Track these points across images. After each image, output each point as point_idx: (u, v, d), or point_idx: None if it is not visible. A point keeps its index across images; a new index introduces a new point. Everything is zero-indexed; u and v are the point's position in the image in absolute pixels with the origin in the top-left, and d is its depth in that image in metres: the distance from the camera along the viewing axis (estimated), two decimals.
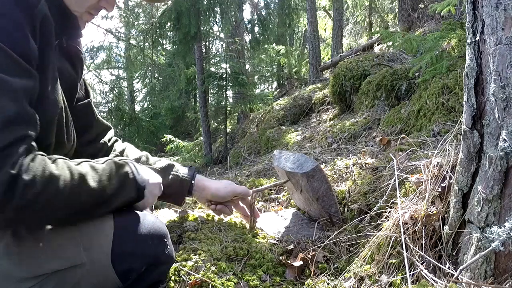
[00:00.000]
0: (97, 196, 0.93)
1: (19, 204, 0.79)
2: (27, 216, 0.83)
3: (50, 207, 0.85)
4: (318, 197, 1.50)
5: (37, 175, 0.81)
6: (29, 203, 0.81)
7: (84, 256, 0.95)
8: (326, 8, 10.49)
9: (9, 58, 0.81)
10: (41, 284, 0.92)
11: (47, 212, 0.86)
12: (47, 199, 0.83)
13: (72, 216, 0.92)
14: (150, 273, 1.05)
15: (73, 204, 0.89)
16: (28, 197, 0.80)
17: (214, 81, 6.41)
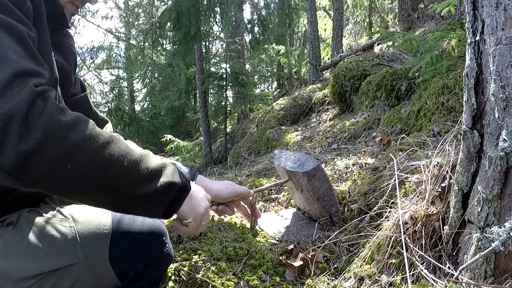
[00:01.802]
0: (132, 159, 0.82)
1: (47, 125, 0.71)
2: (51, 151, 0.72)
3: (77, 151, 0.74)
4: (319, 197, 1.50)
5: (65, 109, 0.76)
6: (55, 128, 0.72)
7: (82, 255, 0.95)
8: (326, 8, 10.49)
9: (11, 11, 0.81)
10: (39, 284, 0.92)
11: (73, 158, 0.74)
12: (81, 132, 0.75)
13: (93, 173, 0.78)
14: (148, 272, 1.05)
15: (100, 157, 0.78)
16: (56, 121, 0.72)
17: (214, 81, 6.41)
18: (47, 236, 0.95)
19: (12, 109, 0.69)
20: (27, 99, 0.71)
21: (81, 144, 0.75)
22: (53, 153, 0.72)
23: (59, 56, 1.07)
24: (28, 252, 0.93)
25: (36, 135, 0.70)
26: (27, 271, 0.91)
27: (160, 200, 0.90)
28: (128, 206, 0.88)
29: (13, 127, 0.69)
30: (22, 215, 0.99)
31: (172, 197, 0.91)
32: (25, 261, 0.92)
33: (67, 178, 0.75)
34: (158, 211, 0.91)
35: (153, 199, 0.87)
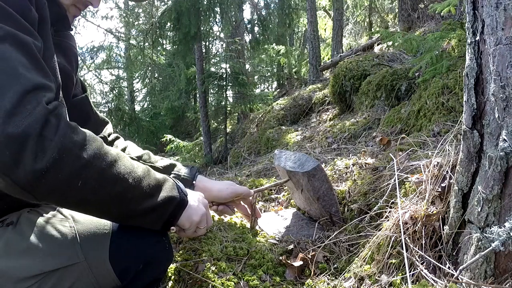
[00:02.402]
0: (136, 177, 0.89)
1: (61, 144, 0.75)
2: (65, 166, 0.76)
3: (88, 168, 0.79)
4: (319, 197, 1.50)
5: (74, 126, 0.81)
6: (69, 148, 0.76)
7: (82, 255, 0.95)
8: (326, 8, 10.49)
9: (18, 21, 0.82)
10: (39, 284, 0.92)
11: (85, 173, 0.79)
12: (91, 151, 0.80)
13: (101, 189, 0.83)
14: (148, 272, 1.05)
15: (108, 176, 0.83)
16: (69, 140, 0.77)
17: (214, 81, 6.41)
18: (47, 236, 0.95)
19: (27, 128, 0.72)
20: (40, 118, 0.74)
21: (92, 163, 0.80)
22: (67, 171, 0.76)
23: (61, 58, 1.07)
24: (28, 252, 0.93)
25: (51, 154, 0.74)
26: (27, 271, 0.91)
27: (161, 213, 0.97)
28: (131, 219, 0.95)
29: (28, 146, 0.72)
30: (22, 215, 1.00)
31: (171, 211, 0.99)
32: (25, 261, 0.92)
33: (77, 193, 0.80)
34: (157, 224, 0.99)
35: (154, 212, 0.95)
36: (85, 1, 1.06)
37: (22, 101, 0.74)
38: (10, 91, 0.74)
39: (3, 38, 0.78)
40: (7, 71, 0.76)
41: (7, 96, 0.73)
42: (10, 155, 0.71)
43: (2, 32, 0.79)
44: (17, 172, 0.72)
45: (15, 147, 0.71)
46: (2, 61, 0.76)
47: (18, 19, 0.82)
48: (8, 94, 0.73)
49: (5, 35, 0.79)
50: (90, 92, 1.35)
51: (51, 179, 0.75)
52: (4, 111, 0.72)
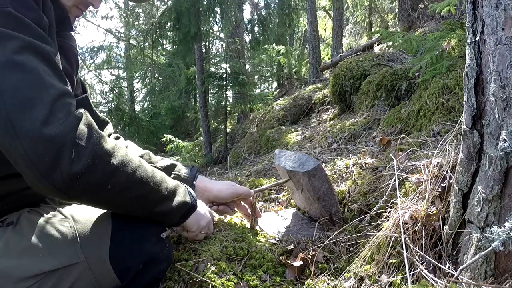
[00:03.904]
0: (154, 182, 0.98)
1: (94, 152, 0.82)
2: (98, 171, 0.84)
3: (117, 175, 0.88)
4: (319, 197, 1.50)
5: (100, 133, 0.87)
6: (100, 155, 0.83)
7: (82, 255, 0.95)
8: (326, 8, 10.49)
9: (35, 30, 0.85)
10: (39, 283, 0.92)
11: (111, 178, 0.87)
12: (120, 158, 0.88)
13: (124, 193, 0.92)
14: (148, 272, 1.05)
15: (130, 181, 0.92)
16: (101, 147, 0.84)
17: (214, 81, 6.41)
18: (47, 236, 0.95)
19: (63, 136, 0.78)
20: (74, 126, 0.81)
21: (119, 168, 0.88)
22: (99, 175, 0.84)
23: (62, 59, 1.08)
24: (28, 252, 0.93)
25: (86, 160, 0.81)
26: (27, 271, 0.91)
27: (174, 215, 1.09)
28: (149, 216, 1.06)
29: (65, 152, 0.78)
30: (22, 215, 1.00)
31: (183, 213, 1.11)
32: (26, 261, 0.92)
33: (106, 195, 0.89)
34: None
35: (169, 213, 1.06)
36: (86, 2, 1.07)
37: (53, 110, 0.79)
38: (41, 101, 0.78)
39: (25, 48, 0.81)
40: (34, 81, 0.80)
41: (39, 107, 0.78)
42: (48, 161, 0.77)
43: (23, 42, 0.81)
44: (55, 176, 0.78)
45: (52, 154, 0.77)
46: (28, 73, 0.80)
47: (34, 28, 0.85)
48: (39, 104, 0.78)
49: (26, 45, 0.81)
50: (90, 92, 1.35)
51: (85, 182, 0.82)
52: (39, 121, 0.77)
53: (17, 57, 0.79)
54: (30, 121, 0.76)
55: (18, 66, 0.79)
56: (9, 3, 0.82)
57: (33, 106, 0.78)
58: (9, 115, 0.76)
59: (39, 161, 0.77)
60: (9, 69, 0.78)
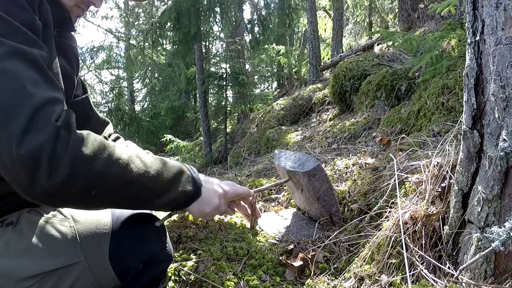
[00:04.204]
0: (149, 177, 0.93)
1: (73, 161, 0.78)
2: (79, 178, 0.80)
3: (101, 173, 0.83)
4: (319, 197, 1.50)
5: (86, 136, 0.83)
6: (79, 162, 0.79)
7: (82, 255, 0.95)
8: (326, 8, 10.49)
9: (24, 34, 0.82)
10: (39, 283, 0.92)
11: (99, 180, 0.83)
12: (103, 161, 0.83)
13: (119, 190, 0.88)
14: (148, 272, 1.05)
15: (121, 176, 0.87)
16: (79, 154, 0.79)
17: (214, 81, 6.41)
18: (47, 236, 0.95)
19: (39, 148, 0.74)
20: (51, 136, 0.76)
21: (103, 172, 0.83)
22: (80, 184, 0.80)
23: (62, 60, 1.07)
24: (28, 252, 0.93)
25: (64, 170, 0.77)
26: (27, 271, 0.91)
27: (173, 205, 1.03)
28: (146, 209, 1.05)
29: (42, 165, 0.74)
30: (22, 215, 1.00)
31: (183, 201, 1.05)
32: (25, 261, 0.92)
33: (93, 200, 0.85)
34: (167, 210, 1.07)
35: (167, 205, 1.01)
36: (88, 1, 1.06)
37: (33, 120, 0.75)
38: (20, 111, 0.75)
39: (10, 54, 0.78)
40: (16, 89, 0.76)
41: (18, 117, 0.74)
42: (26, 175, 0.74)
43: (8, 48, 0.78)
44: (35, 190, 0.76)
45: (29, 167, 0.74)
46: (10, 79, 0.76)
47: (24, 32, 0.82)
48: (19, 114, 0.75)
49: (11, 51, 0.78)
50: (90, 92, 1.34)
51: (66, 193, 0.79)
52: (16, 132, 0.73)
53: (1, 64, 0.76)
54: (7, 135, 0.74)
55: (0, 73, 0.76)
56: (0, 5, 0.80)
57: (11, 118, 0.74)
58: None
59: (18, 176, 0.75)
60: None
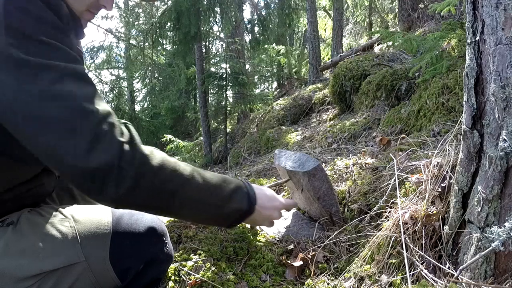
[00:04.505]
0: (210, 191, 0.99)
1: (138, 174, 0.84)
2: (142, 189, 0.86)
3: (165, 185, 0.90)
4: (319, 197, 1.50)
5: (147, 150, 0.89)
6: (145, 175, 0.86)
7: (82, 255, 0.95)
8: (326, 8, 10.49)
9: (68, 54, 0.85)
10: (40, 283, 0.92)
11: (161, 191, 0.90)
12: (164, 176, 0.89)
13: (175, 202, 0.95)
14: (148, 272, 1.05)
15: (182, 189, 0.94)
16: (144, 168, 0.86)
17: (214, 81, 6.41)
18: (47, 236, 0.95)
19: (106, 165, 0.81)
20: (117, 152, 0.82)
21: (165, 186, 0.90)
22: (143, 196, 0.88)
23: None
24: (29, 252, 0.93)
25: (130, 181, 0.84)
26: (27, 270, 0.91)
27: (226, 220, 1.08)
28: (202, 223, 1.24)
29: (110, 177, 0.81)
30: (23, 215, 0.99)
31: (236, 218, 1.09)
32: (26, 260, 0.92)
33: (154, 208, 0.94)
34: (221, 225, 1.20)
35: (222, 219, 1.06)
36: (99, 5, 1.04)
37: (96, 137, 0.81)
38: (82, 130, 0.80)
39: (63, 76, 0.81)
40: (75, 109, 0.80)
41: (81, 135, 0.80)
42: (95, 187, 0.81)
43: (61, 70, 0.81)
44: (102, 197, 0.83)
45: (98, 181, 0.81)
46: (69, 101, 0.80)
47: (68, 52, 0.84)
48: (81, 132, 0.80)
49: (64, 72, 0.81)
50: None
51: (129, 201, 0.87)
52: (83, 149, 0.79)
53: (55, 87, 0.79)
54: (74, 151, 0.79)
55: (57, 97, 0.79)
56: (39, 30, 0.81)
57: (75, 136, 0.79)
58: (54, 146, 0.79)
59: (86, 187, 0.82)
60: (49, 100, 0.79)
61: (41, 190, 1.07)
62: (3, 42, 0.77)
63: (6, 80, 0.77)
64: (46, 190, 1.11)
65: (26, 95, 0.77)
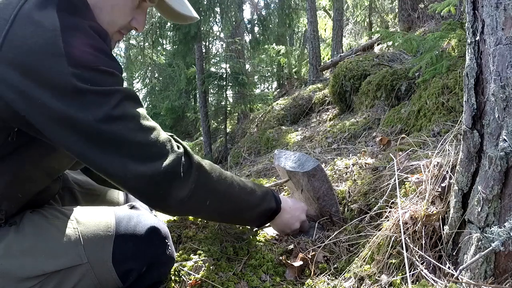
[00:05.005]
0: (244, 196, 1.15)
1: (196, 178, 0.97)
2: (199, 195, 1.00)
3: (215, 193, 1.05)
4: (319, 197, 1.50)
5: (198, 160, 1.01)
6: (201, 180, 0.99)
7: (85, 256, 0.95)
8: (326, 8, 10.49)
9: (120, 79, 0.93)
10: (41, 284, 0.92)
11: (212, 198, 1.05)
12: (215, 182, 1.04)
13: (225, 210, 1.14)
14: (150, 274, 1.05)
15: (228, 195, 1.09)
16: (200, 174, 0.99)
17: (214, 81, 6.41)
18: (50, 237, 0.96)
19: (171, 173, 0.92)
20: (178, 161, 0.94)
21: (217, 188, 1.05)
22: (201, 197, 1.02)
23: None
24: (31, 252, 0.93)
25: (190, 187, 0.97)
26: (29, 271, 0.91)
27: (261, 219, 1.28)
28: (240, 223, 1.37)
29: (174, 185, 0.93)
30: (25, 215, 1.00)
31: (268, 216, 1.29)
32: (28, 261, 0.92)
33: (206, 210, 1.07)
34: (254, 225, 1.35)
35: (257, 217, 1.26)
36: (130, 27, 1.05)
37: (159, 150, 0.92)
38: (147, 144, 0.90)
39: (123, 99, 0.89)
40: (135, 128, 0.89)
41: (146, 149, 0.90)
42: (161, 194, 0.92)
43: (121, 94, 0.89)
44: (166, 205, 0.96)
45: (165, 188, 0.92)
46: (130, 122, 0.89)
47: (119, 76, 0.92)
48: (146, 147, 0.90)
49: (123, 96, 0.89)
50: None
51: (189, 204, 0.98)
52: (149, 162, 0.89)
53: (117, 110, 0.87)
54: (143, 163, 0.88)
55: (120, 118, 0.87)
56: (96, 59, 0.86)
57: (141, 150, 0.89)
58: (123, 161, 0.87)
59: (154, 195, 0.92)
60: (113, 123, 0.86)
61: (46, 195, 1.08)
62: (66, 74, 0.82)
63: (70, 109, 0.83)
64: (51, 194, 1.12)
65: (91, 120, 0.84)
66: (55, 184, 1.12)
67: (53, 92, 0.82)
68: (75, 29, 0.85)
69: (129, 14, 1.00)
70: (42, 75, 0.81)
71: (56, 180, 1.11)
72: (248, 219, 1.26)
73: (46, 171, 1.02)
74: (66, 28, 0.83)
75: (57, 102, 0.82)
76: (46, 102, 0.82)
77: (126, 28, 1.04)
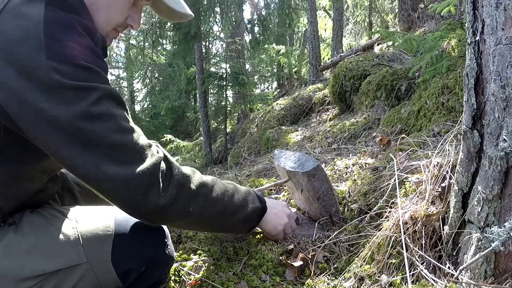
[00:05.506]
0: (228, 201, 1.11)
1: (176, 184, 0.94)
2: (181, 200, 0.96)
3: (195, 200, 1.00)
4: (319, 197, 1.50)
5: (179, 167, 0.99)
6: (182, 186, 0.96)
7: (84, 256, 0.95)
8: (326, 8, 10.49)
9: (103, 77, 0.91)
10: (41, 284, 0.92)
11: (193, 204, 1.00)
12: (195, 185, 1.00)
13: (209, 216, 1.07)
14: (150, 273, 1.05)
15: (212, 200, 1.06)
16: (181, 180, 0.96)
17: (214, 81, 6.42)
18: (49, 237, 0.95)
19: (149, 176, 0.88)
20: (157, 165, 0.90)
21: (198, 192, 1.01)
22: (181, 203, 0.96)
23: None
24: (30, 252, 0.93)
25: (171, 192, 0.93)
26: (29, 271, 0.91)
27: (250, 220, 1.23)
28: (229, 229, 1.26)
29: (153, 190, 0.89)
30: (25, 215, 1.00)
31: (257, 217, 1.25)
32: (27, 261, 0.92)
33: (191, 217, 1.01)
34: (245, 229, 1.26)
35: (245, 220, 1.20)
36: (126, 24, 1.05)
37: (137, 153, 0.88)
38: (125, 146, 0.87)
39: (102, 97, 0.86)
40: (115, 128, 0.86)
41: (123, 151, 0.87)
42: (139, 199, 0.88)
43: (100, 92, 0.86)
44: (144, 210, 0.90)
45: (142, 192, 0.87)
46: (108, 121, 0.86)
47: (102, 75, 0.89)
48: (123, 149, 0.87)
49: (103, 94, 0.86)
50: None
51: (171, 211, 0.94)
52: (126, 165, 0.86)
53: (95, 108, 0.84)
54: (119, 165, 0.85)
55: (98, 116, 0.84)
56: (79, 54, 0.84)
57: (118, 151, 0.86)
58: (97, 161, 0.83)
59: (130, 200, 0.87)
60: (90, 120, 0.83)
61: (45, 195, 1.08)
62: (45, 66, 0.80)
63: (47, 103, 0.80)
64: (50, 194, 1.12)
65: (68, 116, 0.81)
66: (55, 184, 1.12)
67: (29, 83, 0.80)
68: (60, 24, 0.83)
69: (125, 12, 1.01)
70: (22, 66, 0.80)
71: (55, 180, 1.11)
72: (236, 223, 1.18)
73: (41, 169, 1.00)
74: (51, 22, 0.82)
75: (34, 94, 0.80)
76: (22, 93, 0.80)
77: (122, 26, 1.05)
